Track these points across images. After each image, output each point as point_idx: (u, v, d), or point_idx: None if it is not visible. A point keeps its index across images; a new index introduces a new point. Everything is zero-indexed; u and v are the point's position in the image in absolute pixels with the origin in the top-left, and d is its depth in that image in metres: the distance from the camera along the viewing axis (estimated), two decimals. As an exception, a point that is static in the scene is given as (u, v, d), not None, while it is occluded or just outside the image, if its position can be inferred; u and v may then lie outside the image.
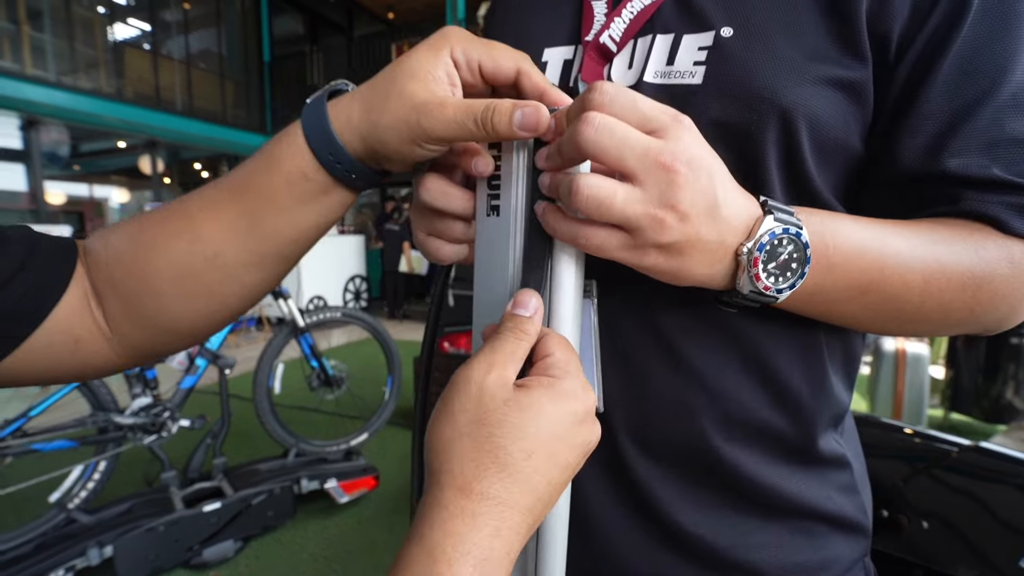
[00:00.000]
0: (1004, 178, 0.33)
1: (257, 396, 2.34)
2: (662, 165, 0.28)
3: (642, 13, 0.39)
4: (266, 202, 0.35)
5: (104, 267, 0.36)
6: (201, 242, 0.35)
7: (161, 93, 7.34)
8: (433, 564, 0.24)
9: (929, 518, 1.10)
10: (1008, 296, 0.35)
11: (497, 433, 0.26)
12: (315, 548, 2.09)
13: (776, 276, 0.31)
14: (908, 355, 2.82)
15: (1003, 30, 0.34)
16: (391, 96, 0.32)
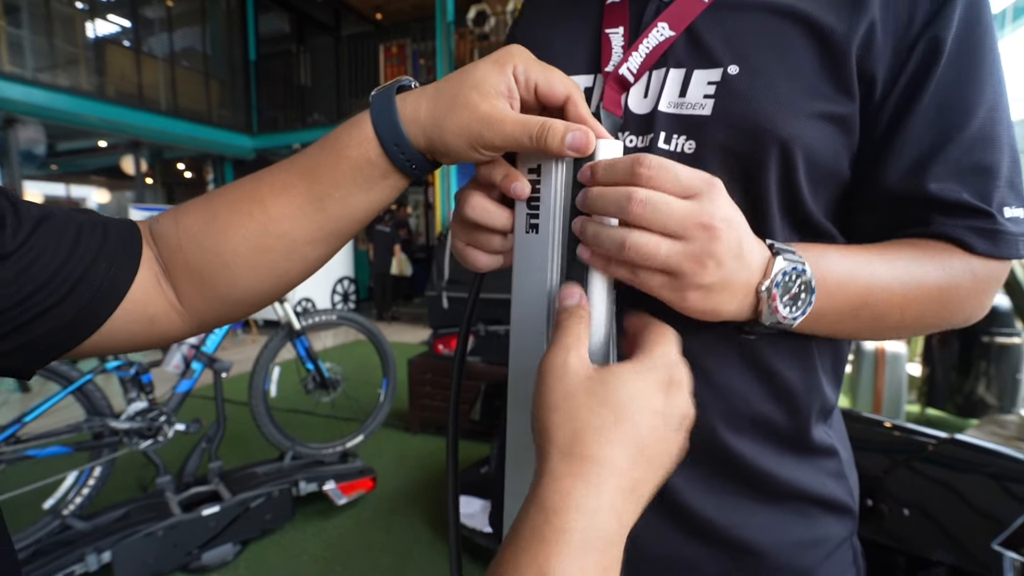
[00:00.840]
0: (970, 203, 0.39)
1: (253, 399, 2.34)
2: (703, 225, 0.32)
3: (657, 48, 0.43)
4: (332, 186, 0.38)
5: (177, 248, 0.39)
6: (272, 222, 0.38)
7: (144, 92, 7.21)
8: (546, 516, 0.26)
9: (910, 506, 1.16)
10: (970, 301, 0.41)
11: (586, 402, 0.29)
12: (314, 549, 2.10)
13: (790, 307, 0.36)
14: (887, 354, 2.92)
15: (970, 73, 0.39)
16: (457, 104, 0.36)
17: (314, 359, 2.50)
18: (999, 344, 3.06)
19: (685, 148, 0.43)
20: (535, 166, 0.39)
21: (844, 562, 0.49)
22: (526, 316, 0.41)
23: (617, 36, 0.47)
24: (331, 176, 0.38)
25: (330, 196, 0.38)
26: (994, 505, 1.12)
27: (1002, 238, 0.40)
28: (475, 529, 1.96)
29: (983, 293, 0.42)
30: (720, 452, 0.45)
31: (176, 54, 7.83)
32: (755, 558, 0.45)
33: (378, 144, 0.37)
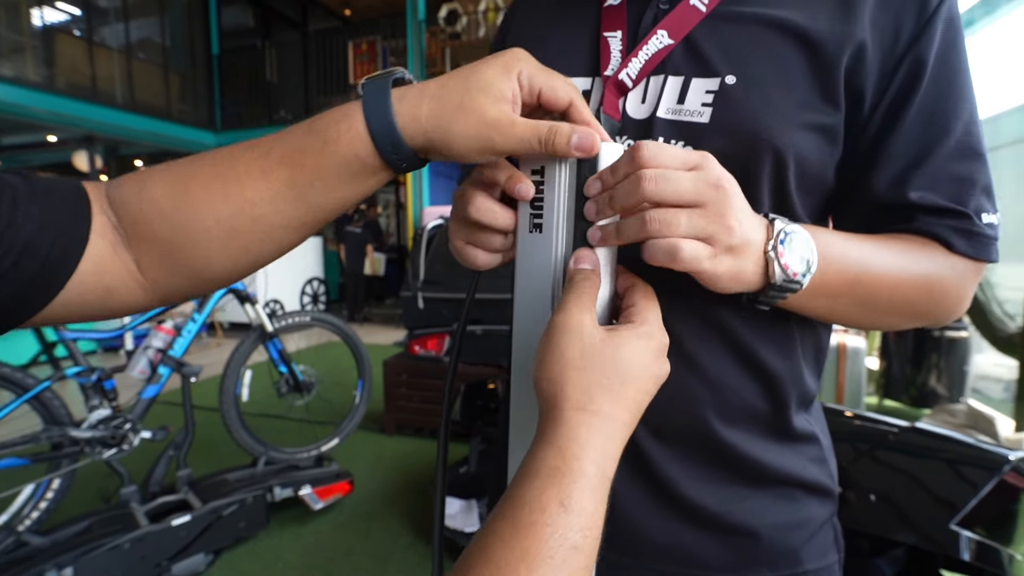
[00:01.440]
0: (948, 206, 0.42)
1: (224, 404, 2.27)
2: (714, 185, 0.34)
3: (656, 55, 0.45)
4: (316, 177, 0.36)
5: (141, 219, 0.36)
6: (249, 205, 0.36)
7: (98, 84, 6.88)
8: (564, 458, 0.29)
9: (875, 492, 1.23)
10: (953, 294, 0.44)
11: (602, 364, 0.32)
12: (291, 556, 2.05)
13: (798, 263, 0.37)
14: (848, 348, 3.06)
15: (949, 90, 0.42)
16: (464, 108, 0.35)
17: (287, 362, 2.44)
18: (948, 338, 3.24)
19: None
20: (539, 167, 0.40)
21: (826, 541, 0.52)
22: (529, 313, 0.42)
23: (615, 40, 0.48)
24: (316, 167, 0.36)
25: (312, 187, 0.37)
26: (951, 488, 1.20)
27: (979, 240, 0.42)
28: (456, 529, 1.96)
29: (963, 290, 0.44)
30: (713, 443, 0.47)
31: (132, 45, 7.49)
32: (746, 540, 0.48)
33: (370, 141, 0.35)
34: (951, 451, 1.28)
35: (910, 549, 1.31)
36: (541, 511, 0.27)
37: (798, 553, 0.49)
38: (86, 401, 1.98)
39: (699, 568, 0.48)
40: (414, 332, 3.20)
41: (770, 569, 0.48)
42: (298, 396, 2.49)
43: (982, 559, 1.09)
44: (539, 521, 0.27)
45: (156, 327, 2.15)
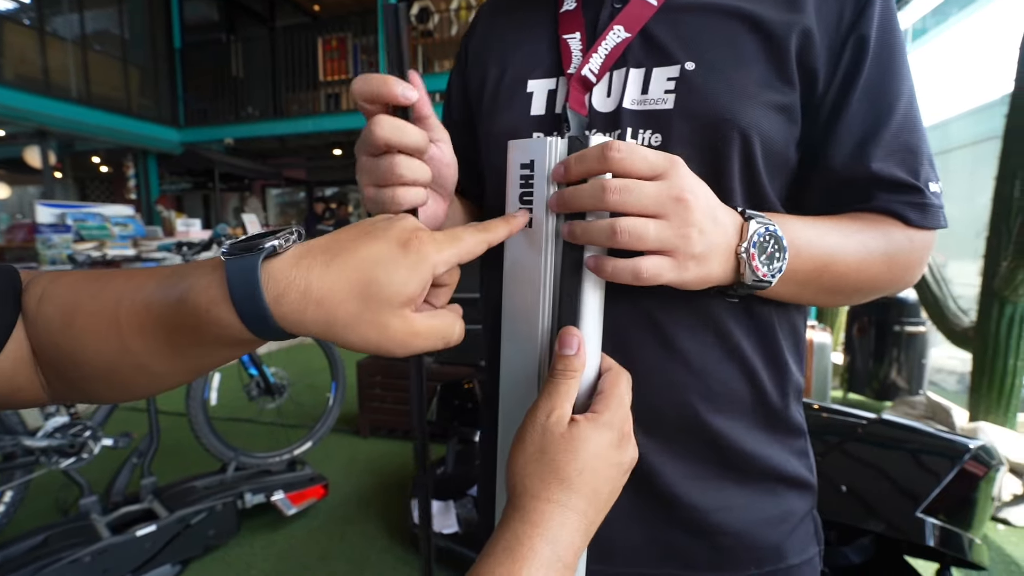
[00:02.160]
0: (905, 179, 0.45)
1: (191, 409, 2.19)
2: (675, 199, 0.35)
3: (615, 49, 0.46)
4: (192, 343, 0.33)
5: (34, 333, 0.35)
6: (129, 354, 0.34)
7: (50, 76, 6.55)
8: (519, 539, 0.32)
9: (845, 483, 1.27)
10: (911, 265, 0.47)
11: (557, 458, 0.34)
12: (264, 564, 1.99)
13: (768, 264, 0.39)
14: (815, 344, 3.16)
15: (891, 67, 0.45)
16: (363, 321, 0.30)
17: (258, 364, 2.37)
18: (908, 333, 3.39)
19: (652, 141, 0.45)
20: (528, 161, 0.39)
21: (807, 535, 0.52)
22: (518, 311, 0.42)
23: (575, 41, 0.49)
24: (192, 336, 0.33)
25: (191, 350, 0.34)
26: (917, 477, 1.24)
27: (930, 211, 0.45)
28: (434, 531, 1.94)
29: (919, 260, 0.47)
30: (699, 432, 0.47)
31: (87, 37, 7.17)
32: (732, 538, 0.48)
33: (243, 325, 0.30)
34: (916, 441, 1.33)
35: (877, 537, 1.36)
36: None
37: (781, 548, 0.49)
38: (41, 408, 1.88)
39: (687, 569, 0.48)
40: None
41: (756, 566, 0.48)
42: (269, 399, 2.42)
43: (945, 544, 1.14)
44: None
45: (117, 330, 2.06)
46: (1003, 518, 2.22)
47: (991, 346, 2.53)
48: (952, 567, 1.27)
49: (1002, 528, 2.19)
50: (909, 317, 3.39)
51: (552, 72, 0.50)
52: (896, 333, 3.42)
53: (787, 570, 0.49)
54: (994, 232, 2.56)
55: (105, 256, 5.45)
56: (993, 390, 2.53)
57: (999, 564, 1.94)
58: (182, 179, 8.56)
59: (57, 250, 5.25)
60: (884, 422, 1.40)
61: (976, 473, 1.22)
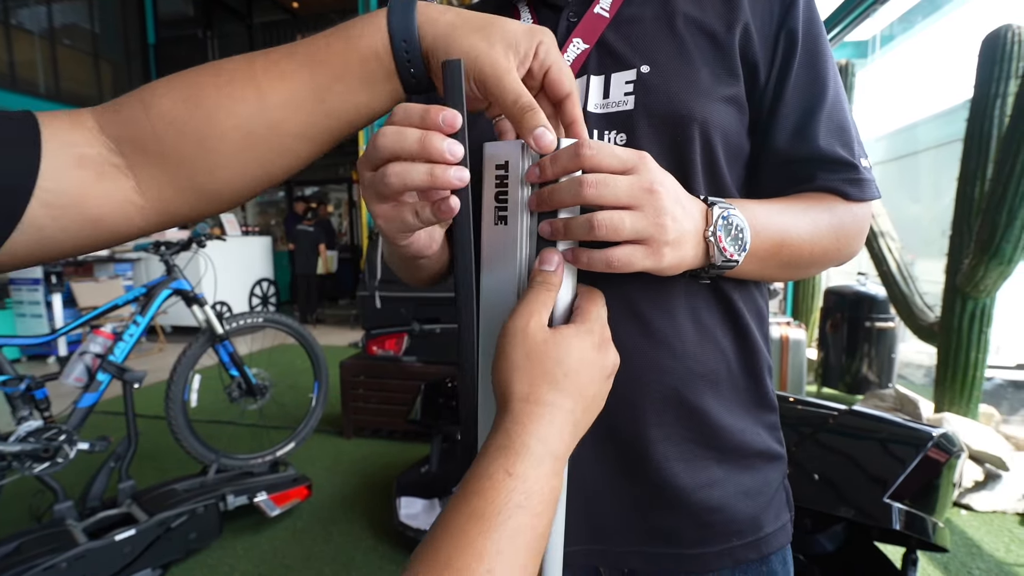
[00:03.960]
0: (844, 157, 0.49)
1: (171, 411, 2.16)
2: (647, 190, 0.38)
3: (576, 60, 0.51)
4: (336, 77, 0.36)
5: (152, 137, 0.35)
6: (267, 110, 0.35)
7: (16, 71, 6.35)
8: (510, 439, 0.33)
9: (818, 471, 1.32)
10: (855, 236, 0.52)
11: (544, 362, 0.35)
12: (247, 567, 1.97)
13: (734, 245, 0.42)
14: (790, 340, 3.25)
15: (817, 55, 0.50)
16: (481, 33, 0.37)
17: (239, 365, 2.34)
18: (878, 328, 3.51)
19: (617, 140, 0.49)
20: (503, 162, 0.41)
21: (781, 504, 0.56)
22: (495, 306, 0.43)
23: None
24: (337, 65, 0.36)
25: (332, 89, 0.36)
26: (884, 464, 1.30)
27: (865, 184, 0.50)
28: (420, 529, 1.95)
29: (861, 230, 0.52)
30: (686, 414, 0.50)
31: (56, 30, 6.95)
32: (712, 513, 0.51)
33: (388, 38, 0.36)
34: (883, 431, 1.39)
35: (849, 524, 1.42)
36: (488, 479, 0.31)
37: (759, 519, 0.52)
38: (13, 412, 1.83)
39: (672, 545, 0.51)
40: (372, 332, 3.15)
41: (737, 538, 0.51)
42: (251, 400, 2.40)
43: (911, 528, 1.19)
44: (486, 487, 0.31)
45: (93, 331, 2.02)
46: (965, 503, 2.32)
47: (955, 340, 2.64)
48: (917, 550, 1.33)
49: (964, 513, 2.29)
50: (879, 313, 3.51)
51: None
52: (867, 329, 3.54)
53: (764, 538, 0.53)
54: (957, 231, 2.67)
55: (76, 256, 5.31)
56: (957, 382, 2.64)
57: (961, 547, 2.03)
58: (156, 178, 8.34)
59: (25, 251, 5.08)
60: (854, 412, 1.45)
61: (938, 460, 1.28)
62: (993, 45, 2.48)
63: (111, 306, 2.08)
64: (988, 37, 2.52)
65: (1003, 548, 2.03)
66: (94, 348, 1.97)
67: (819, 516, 1.38)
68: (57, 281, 4.31)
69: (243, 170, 0.37)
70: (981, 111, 2.53)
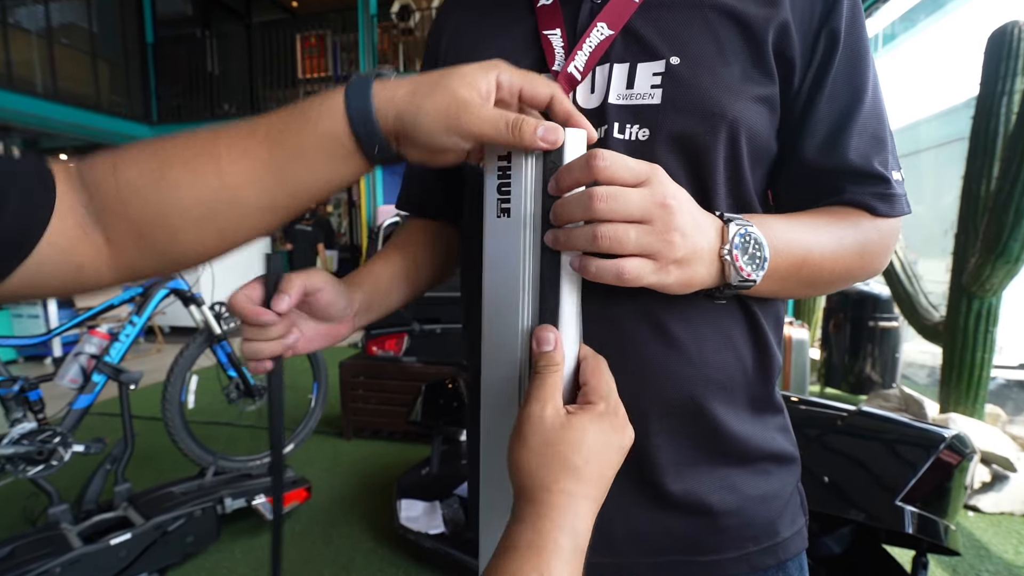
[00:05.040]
0: (876, 170, 0.46)
1: (168, 412, 2.13)
2: (660, 204, 0.36)
3: (600, 46, 0.47)
4: (294, 157, 0.37)
5: (116, 199, 0.36)
6: (227, 188, 0.37)
7: (13, 70, 6.31)
8: (540, 535, 0.32)
9: (827, 473, 1.29)
10: (879, 253, 0.50)
11: (563, 450, 0.35)
12: (245, 571, 1.94)
13: (751, 265, 0.40)
14: (794, 340, 3.22)
15: (857, 59, 0.47)
16: (438, 88, 0.37)
17: (237, 366, 2.31)
18: (881, 328, 3.48)
19: (639, 135, 0.45)
20: (505, 152, 0.40)
21: (796, 508, 0.54)
22: (498, 301, 0.42)
23: (556, 38, 0.49)
24: (295, 146, 0.37)
25: (290, 168, 0.37)
26: (895, 466, 1.28)
27: (895, 200, 0.47)
28: (420, 532, 1.92)
29: (887, 246, 0.50)
30: (698, 419, 0.48)
31: (54, 29, 6.92)
32: (728, 518, 0.49)
33: (346, 119, 0.37)
34: (894, 432, 1.37)
35: (856, 526, 1.39)
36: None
37: (775, 524, 0.51)
38: (7, 414, 1.80)
39: (688, 553, 0.49)
40: (371, 332, 3.12)
41: (754, 544, 0.50)
42: (249, 401, 2.37)
43: (923, 531, 1.17)
44: None
45: (89, 331, 2.00)
46: (973, 505, 2.29)
47: (960, 340, 2.62)
48: (928, 553, 1.30)
49: (972, 515, 2.26)
50: (882, 313, 3.48)
51: (536, 68, 0.48)
52: (870, 328, 3.52)
53: (782, 544, 0.51)
54: (962, 230, 2.64)
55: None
56: (962, 382, 2.62)
57: (970, 550, 2.01)
58: (155, 178, 8.32)
59: (22, 251, 5.05)
60: (863, 413, 1.43)
61: (951, 462, 1.25)
62: (999, 42, 2.46)
63: (107, 306, 2.05)
64: (994, 34, 2.49)
65: (1012, 550, 2.01)
66: (89, 349, 1.94)
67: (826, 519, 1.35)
68: (54, 281, 4.26)
69: (204, 239, 0.38)
70: (987, 108, 2.51)
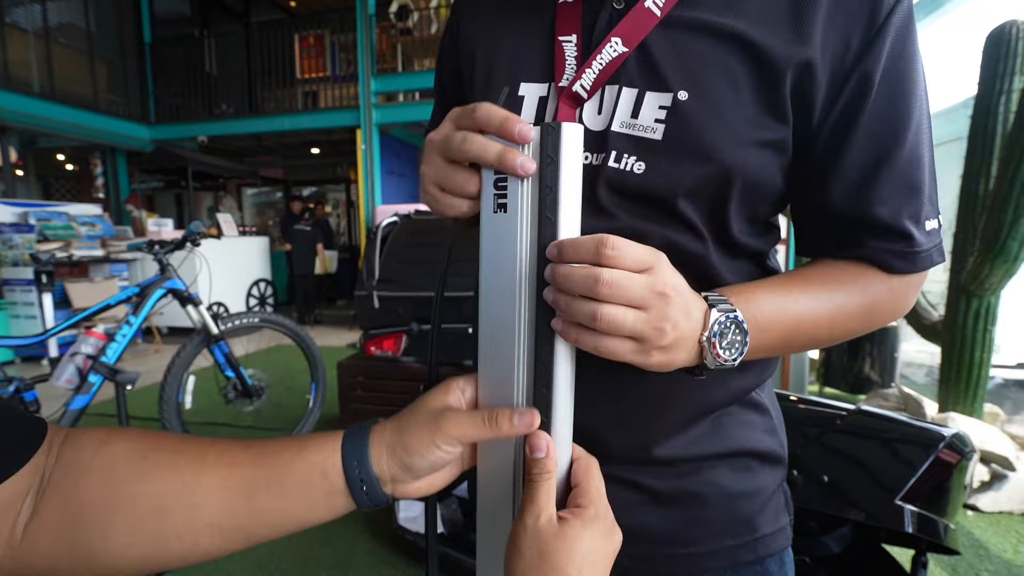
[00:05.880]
0: (901, 227, 0.44)
1: (165, 412, 2.13)
2: (659, 294, 0.37)
3: (610, 65, 0.45)
4: (273, 478, 0.38)
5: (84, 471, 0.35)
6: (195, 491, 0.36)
7: (10, 69, 6.29)
8: None
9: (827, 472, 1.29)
10: (889, 313, 0.48)
11: (557, 560, 0.36)
12: (243, 572, 1.93)
13: (729, 350, 0.40)
14: (792, 340, 3.22)
15: (898, 101, 0.43)
16: (415, 413, 0.41)
17: (235, 366, 2.31)
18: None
19: (635, 168, 0.45)
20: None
21: (779, 506, 0.54)
22: (495, 299, 0.42)
23: (570, 46, 0.47)
24: (280, 467, 0.38)
25: (264, 487, 0.37)
26: (895, 465, 1.27)
27: (917, 258, 0.45)
28: (419, 532, 1.91)
29: (902, 301, 0.48)
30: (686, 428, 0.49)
31: (51, 29, 6.91)
32: (708, 513, 0.50)
33: (339, 458, 0.38)
34: (894, 431, 1.36)
35: (855, 525, 1.39)
36: None
37: (754, 520, 0.51)
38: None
39: (666, 545, 0.50)
40: (370, 332, 3.11)
41: (731, 538, 0.50)
42: (247, 402, 2.37)
43: (923, 530, 1.16)
44: None
45: (86, 331, 1.99)
46: (973, 504, 2.29)
47: (959, 339, 2.62)
48: (928, 553, 1.30)
49: (971, 514, 2.26)
50: (881, 312, 3.48)
51: (545, 76, 0.49)
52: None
53: (761, 540, 0.51)
54: (961, 229, 2.65)
55: (71, 256, 5.25)
56: (961, 381, 2.62)
57: (969, 549, 2.01)
58: (153, 178, 8.31)
59: (18, 251, 5.04)
60: (863, 412, 1.42)
61: (950, 461, 1.25)
62: (998, 41, 2.46)
63: (103, 306, 2.04)
64: (992, 33, 2.50)
65: (1011, 549, 2.01)
66: (85, 349, 1.94)
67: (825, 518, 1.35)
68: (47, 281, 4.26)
69: (136, 548, 0.36)
70: (985, 108, 2.51)
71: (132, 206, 7.45)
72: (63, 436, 0.37)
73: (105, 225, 5.95)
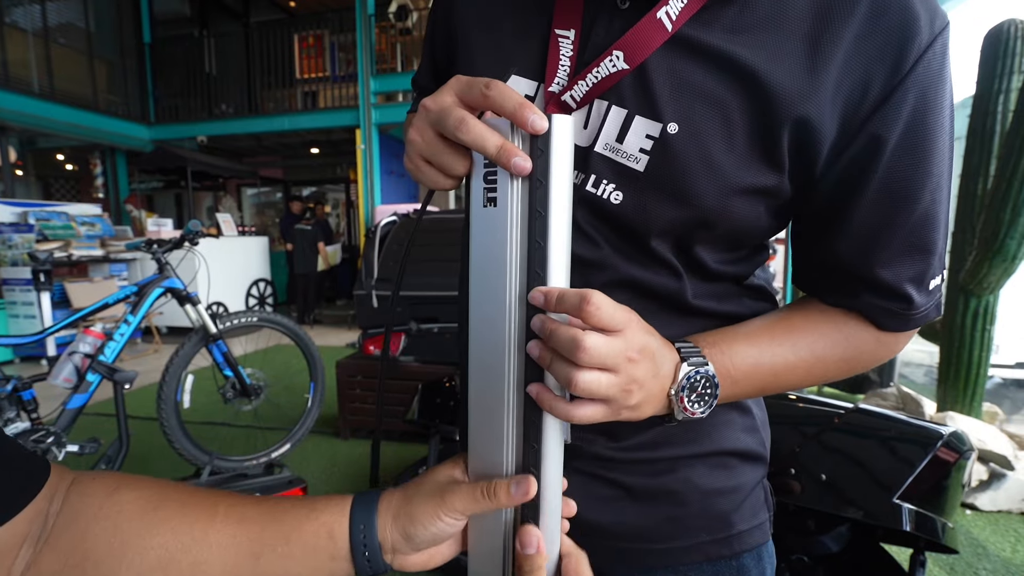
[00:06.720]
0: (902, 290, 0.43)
1: (163, 412, 2.12)
2: (629, 359, 0.37)
3: (606, 80, 0.42)
4: (281, 538, 0.37)
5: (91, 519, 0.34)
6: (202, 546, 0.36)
7: (9, 69, 6.29)
8: None
9: (825, 471, 1.29)
10: (874, 361, 0.48)
11: None
12: None
13: (697, 403, 0.41)
14: (791, 339, 3.23)
15: (917, 162, 0.39)
16: (422, 484, 0.42)
17: (233, 365, 2.31)
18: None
19: (612, 197, 0.44)
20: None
21: (757, 502, 0.55)
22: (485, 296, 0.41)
23: (567, 42, 0.44)
24: (288, 526, 0.38)
25: (271, 547, 0.37)
26: (893, 464, 1.27)
27: (910, 320, 0.44)
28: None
29: (888, 352, 0.47)
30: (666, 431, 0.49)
31: (51, 29, 6.91)
32: (684, 508, 0.51)
33: (347, 521, 0.38)
34: (892, 429, 1.36)
35: (853, 524, 1.39)
36: None
37: (731, 516, 0.52)
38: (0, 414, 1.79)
39: (643, 541, 0.51)
40: (368, 332, 3.11)
41: (707, 533, 0.51)
42: (246, 401, 2.37)
43: (921, 529, 1.16)
44: None
45: (84, 330, 1.99)
46: (971, 503, 2.29)
47: (957, 339, 2.61)
48: (926, 551, 1.30)
49: (970, 513, 2.26)
50: (880, 312, 3.48)
51: (535, 75, 0.46)
52: (868, 328, 3.51)
53: (737, 536, 0.52)
54: (960, 228, 2.64)
55: (71, 256, 5.25)
56: (960, 381, 2.62)
57: (967, 548, 2.01)
58: (153, 178, 8.32)
59: (18, 250, 5.04)
60: (861, 411, 1.42)
61: (948, 459, 1.25)
62: (996, 41, 2.46)
63: (101, 305, 2.04)
64: (990, 33, 2.49)
65: (1009, 548, 2.01)
66: (83, 348, 1.93)
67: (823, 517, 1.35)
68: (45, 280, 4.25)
69: None
70: (984, 107, 2.51)
71: (131, 206, 7.45)
72: (70, 481, 0.36)
73: (104, 225, 5.95)
